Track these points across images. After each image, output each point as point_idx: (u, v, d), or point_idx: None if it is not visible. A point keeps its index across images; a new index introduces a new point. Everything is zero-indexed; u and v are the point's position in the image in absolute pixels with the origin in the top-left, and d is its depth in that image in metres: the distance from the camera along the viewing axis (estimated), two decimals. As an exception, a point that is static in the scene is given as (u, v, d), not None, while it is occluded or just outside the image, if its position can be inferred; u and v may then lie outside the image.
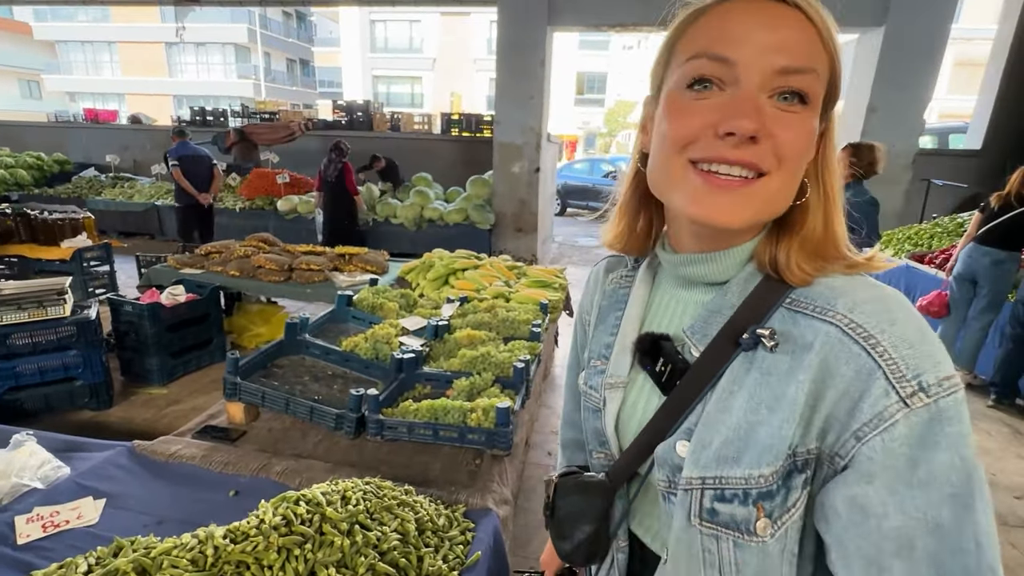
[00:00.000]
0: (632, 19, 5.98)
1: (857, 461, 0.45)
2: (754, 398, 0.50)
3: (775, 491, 0.48)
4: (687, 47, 0.51)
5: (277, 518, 0.94)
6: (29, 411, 2.48)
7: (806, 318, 0.50)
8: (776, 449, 0.47)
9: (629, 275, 0.69)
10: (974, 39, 16.67)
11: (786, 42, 0.47)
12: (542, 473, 2.54)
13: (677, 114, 0.51)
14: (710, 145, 0.49)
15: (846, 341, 0.46)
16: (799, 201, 0.53)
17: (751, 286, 0.55)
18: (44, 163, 8.33)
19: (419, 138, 8.41)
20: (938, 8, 5.43)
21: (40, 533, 1.14)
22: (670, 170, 0.53)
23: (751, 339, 0.51)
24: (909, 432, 0.42)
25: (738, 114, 0.47)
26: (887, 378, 0.44)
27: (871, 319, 0.46)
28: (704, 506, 0.51)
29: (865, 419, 0.44)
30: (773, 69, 0.47)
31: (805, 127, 0.49)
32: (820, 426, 0.47)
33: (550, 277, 3.25)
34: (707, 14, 0.50)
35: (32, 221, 4.18)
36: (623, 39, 24.69)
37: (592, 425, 0.65)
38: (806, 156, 0.51)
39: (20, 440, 1.37)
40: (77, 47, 28.27)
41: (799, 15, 0.47)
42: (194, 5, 8.94)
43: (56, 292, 2.54)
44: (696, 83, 0.50)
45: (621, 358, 0.63)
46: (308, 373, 1.84)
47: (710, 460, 0.50)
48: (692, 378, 0.54)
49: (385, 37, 26.46)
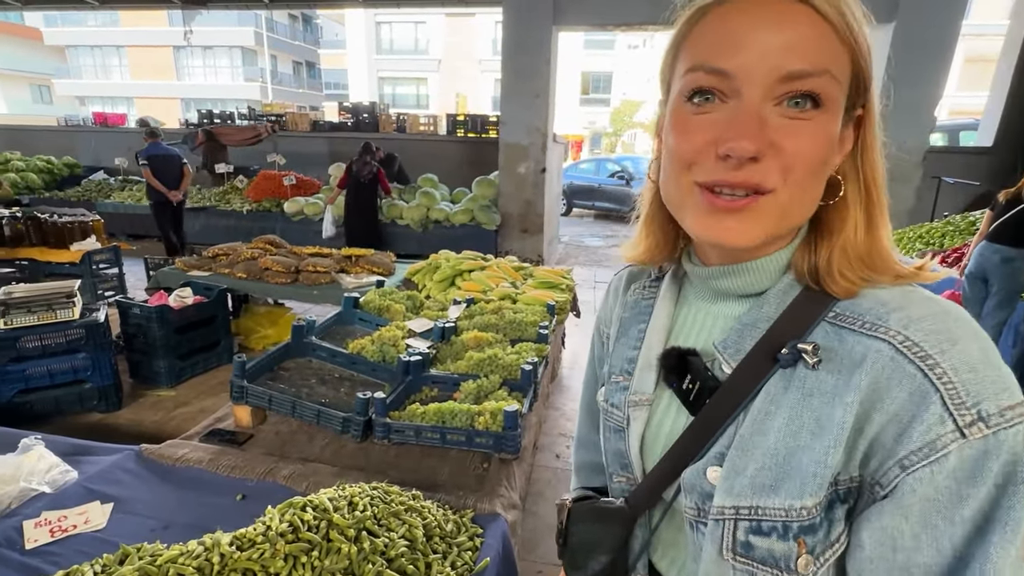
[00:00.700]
0: (637, 18, 5.95)
1: (899, 492, 0.41)
2: (794, 421, 0.45)
3: (818, 524, 0.44)
4: (688, 54, 0.48)
5: (284, 525, 0.93)
6: (39, 414, 2.50)
7: (854, 334, 0.45)
8: (820, 478, 0.43)
9: (653, 285, 0.65)
10: (985, 35, 16.48)
11: (792, 44, 0.43)
12: (550, 476, 2.52)
13: (679, 130, 0.48)
14: (711, 167, 0.46)
15: (899, 360, 0.42)
16: (832, 200, 0.49)
17: (790, 298, 0.50)
18: (54, 166, 8.40)
19: (425, 139, 8.41)
20: (948, 4, 5.36)
21: (48, 538, 1.14)
22: (679, 189, 0.50)
23: (791, 355, 0.46)
24: (959, 465, 0.39)
25: (736, 134, 0.44)
26: (944, 403, 0.39)
27: (929, 337, 0.42)
28: (738, 539, 0.46)
29: (914, 447, 0.40)
30: (777, 76, 0.43)
31: (819, 133, 0.45)
32: (864, 451, 0.43)
33: (557, 278, 3.23)
34: (709, 15, 0.47)
35: (42, 224, 4.22)
36: (628, 38, 24.62)
37: (614, 446, 0.61)
38: (822, 162, 0.46)
39: (29, 444, 1.37)
40: (87, 51, 28.55)
41: (807, 11, 0.43)
42: (201, 8, 9.01)
43: (65, 295, 2.55)
44: (696, 95, 0.47)
45: (646, 374, 0.58)
46: (315, 376, 1.83)
47: (744, 488, 0.46)
48: (723, 397, 0.50)
49: (391, 38, 26.53)
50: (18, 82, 27.65)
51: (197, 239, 7.02)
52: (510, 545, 1.22)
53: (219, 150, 7.98)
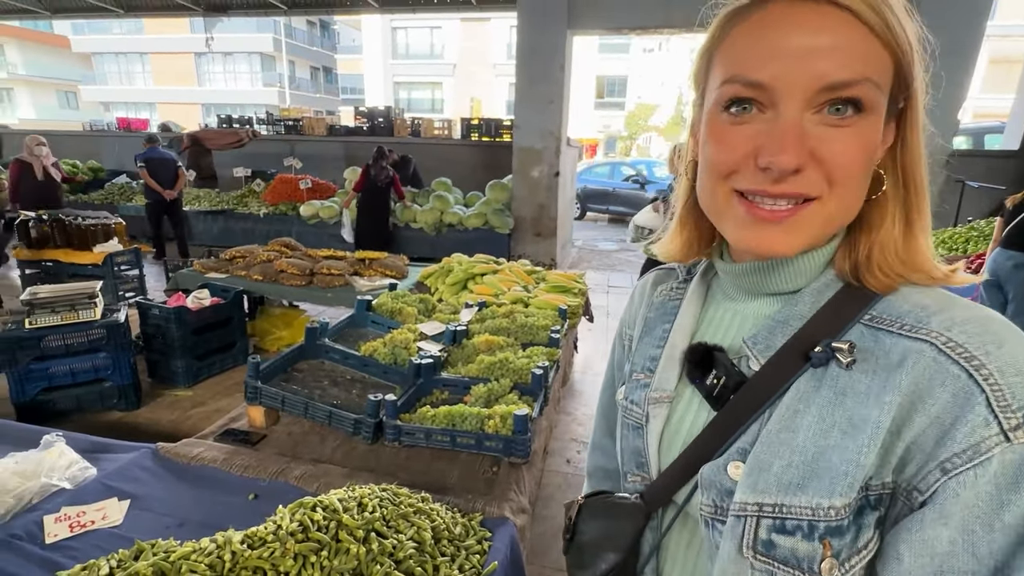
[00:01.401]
0: (653, 22, 5.93)
1: (940, 497, 0.39)
2: (825, 420, 0.44)
3: (846, 527, 0.42)
4: (723, 62, 0.47)
5: (294, 524, 0.94)
6: (61, 411, 2.57)
7: (892, 336, 0.44)
8: (851, 477, 0.42)
9: (680, 287, 0.64)
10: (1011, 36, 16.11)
11: (830, 53, 0.42)
12: (560, 481, 2.51)
13: (717, 140, 0.48)
14: (752, 177, 0.46)
15: (942, 360, 0.41)
16: (875, 195, 0.48)
17: (826, 296, 0.49)
18: (79, 170, 8.63)
19: (439, 143, 8.47)
20: (972, 5, 5.26)
21: (67, 533, 1.16)
22: (716, 197, 0.50)
23: (824, 354, 0.45)
24: (1002, 469, 0.37)
25: (776, 148, 0.43)
26: (989, 405, 0.38)
27: (973, 339, 0.41)
28: (760, 537, 0.45)
29: (957, 449, 0.39)
30: (816, 87, 0.42)
31: (862, 138, 0.43)
32: (900, 455, 0.42)
33: (569, 282, 3.23)
34: (743, 21, 0.46)
35: (67, 227, 4.33)
36: (643, 42, 24.57)
37: (631, 444, 0.60)
38: (866, 166, 0.45)
39: (50, 441, 1.41)
40: (112, 59, 29.34)
41: (845, 16, 0.41)
42: (222, 15, 9.20)
43: (87, 296, 2.62)
44: (733, 104, 0.46)
45: (668, 371, 0.58)
46: (327, 377, 1.85)
47: (770, 484, 0.44)
48: (749, 393, 0.49)
49: (406, 43, 26.83)
50: (46, 88, 28.49)
51: (215, 242, 7.16)
52: (519, 549, 1.22)
53: (204, 154, 8.39)
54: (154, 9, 9.79)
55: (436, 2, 8.52)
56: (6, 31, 25.24)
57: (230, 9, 9.32)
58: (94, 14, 10.13)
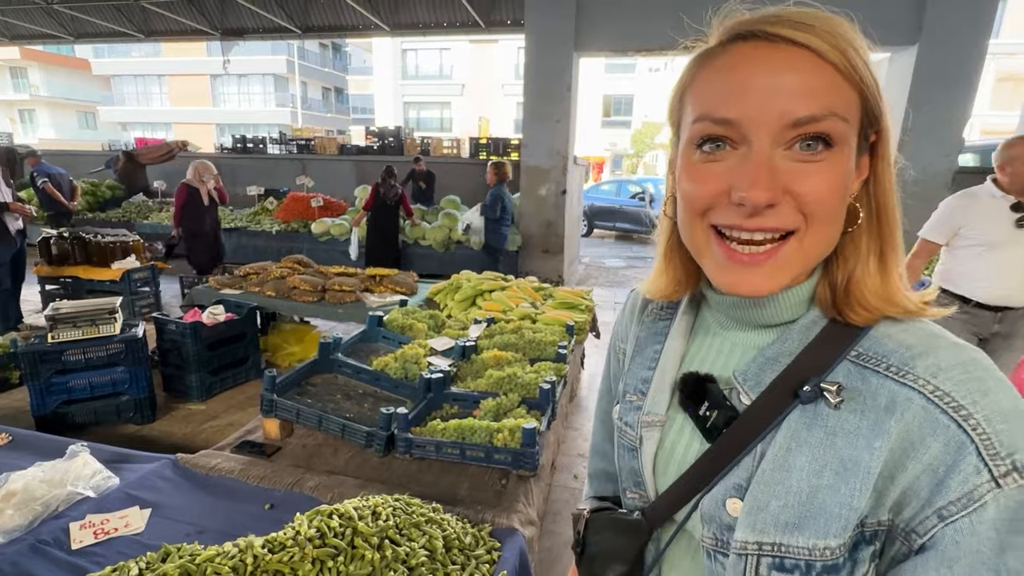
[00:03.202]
0: (657, 44, 6.05)
1: (940, 543, 0.41)
2: (818, 460, 0.45)
3: (841, 564, 0.44)
4: (695, 100, 0.49)
5: (312, 530, 0.98)
6: (79, 424, 2.62)
7: (878, 376, 0.46)
8: (845, 519, 0.44)
9: (670, 307, 0.65)
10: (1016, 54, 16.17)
11: (795, 90, 0.43)
12: (568, 496, 2.52)
13: (691, 177, 0.49)
14: (727, 212, 0.47)
15: (932, 411, 0.42)
16: (851, 228, 0.49)
17: (814, 332, 0.50)
18: (98, 189, 8.85)
19: (448, 162, 8.62)
20: (974, 25, 5.32)
21: (92, 540, 1.21)
22: (694, 234, 0.51)
23: (812, 392, 0.46)
24: (998, 515, 0.39)
25: (748, 183, 0.44)
26: (979, 454, 0.40)
27: (959, 387, 0.42)
28: (760, 573, 0.47)
29: (952, 497, 0.40)
30: (784, 123, 0.43)
31: (835, 173, 0.45)
32: (896, 499, 0.43)
33: (576, 299, 3.27)
34: (712, 62, 0.48)
35: (87, 244, 4.46)
36: (649, 61, 24.89)
37: (628, 464, 0.62)
38: (841, 200, 0.46)
39: (76, 451, 1.46)
40: (130, 80, 30.20)
41: (809, 55, 0.43)
42: (238, 39, 9.50)
43: (108, 311, 2.69)
44: (706, 142, 0.47)
45: (659, 395, 0.59)
46: (340, 391, 1.90)
47: (767, 524, 0.46)
48: (741, 427, 0.50)
49: (416, 64, 27.40)
50: (67, 109, 29.33)
51: (229, 258, 7.27)
52: (527, 560, 1.25)
53: (138, 169, 8.86)
54: (173, 34, 10.12)
55: (446, 25, 8.74)
56: (30, 54, 26.12)
57: (246, 33, 9.61)
58: (115, 39, 10.49)
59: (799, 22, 0.44)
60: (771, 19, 0.45)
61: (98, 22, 9.73)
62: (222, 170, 9.53)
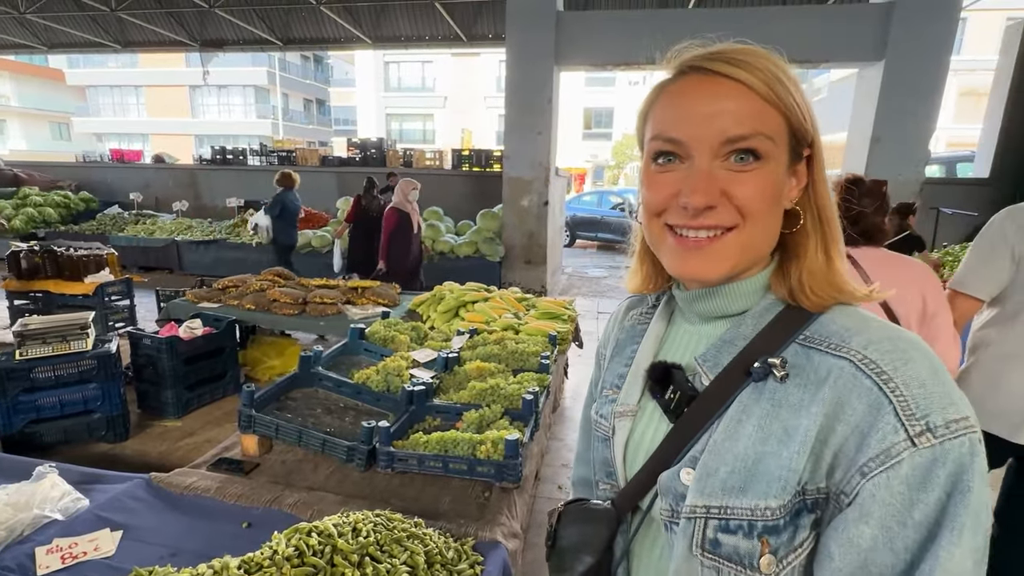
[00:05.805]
0: (636, 58, 6.18)
1: (860, 498, 0.45)
2: (763, 429, 0.50)
3: (782, 527, 0.48)
4: (652, 122, 0.58)
5: (290, 549, 0.96)
6: (47, 444, 2.53)
7: (820, 354, 0.51)
8: (785, 481, 0.48)
9: (648, 312, 0.72)
10: (977, 70, 16.86)
11: (729, 114, 0.52)
12: (552, 507, 2.51)
13: (649, 185, 0.58)
14: (676, 213, 0.56)
15: (859, 376, 0.47)
16: (793, 229, 0.57)
17: (767, 318, 0.57)
18: (71, 201, 8.65)
19: (431, 173, 8.63)
20: (936, 42, 5.55)
21: (59, 565, 1.17)
22: (652, 231, 0.60)
23: (762, 369, 0.52)
24: (911, 472, 0.43)
25: (690, 190, 0.53)
26: (897, 414, 0.44)
27: (884, 356, 0.48)
28: (707, 536, 0.51)
29: (872, 454, 0.45)
30: (719, 140, 0.52)
31: (762, 179, 0.53)
32: (829, 462, 0.48)
33: (559, 309, 3.28)
34: (665, 92, 0.57)
35: (58, 257, 4.33)
36: (629, 75, 25.33)
37: (601, 455, 0.66)
38: (771, 201, 0.55)
39: (43, 472, 1.41)
40: (106, 91, 29.65)
41: (739, 87, 0.52)
42: (218, 51, 9.42)
43: (79, 327, 2.62)
44: (660, 156, 0.56)
45: (632, 387, 0.65)
46: (320, 405, 1.87)
47: (716, 489, 0.50)
48: (700, 406, 0.56)
49: (399, 77, 27.47)
50: (39, 120, 28.64)
51: (208, 271, 7.16)
52: (510, 573, 1.24)
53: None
54: (151, 44, 10.01)
55: (428, 39, 8.81)
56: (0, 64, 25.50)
57: (226, 45, 9.55)
58: (91, 49, 10.33)
59: (734, 59, 0.53)
60: (712, 56, 0.54)
61: (73, 32, 9.57)
62: (199, 181, 9.46)
